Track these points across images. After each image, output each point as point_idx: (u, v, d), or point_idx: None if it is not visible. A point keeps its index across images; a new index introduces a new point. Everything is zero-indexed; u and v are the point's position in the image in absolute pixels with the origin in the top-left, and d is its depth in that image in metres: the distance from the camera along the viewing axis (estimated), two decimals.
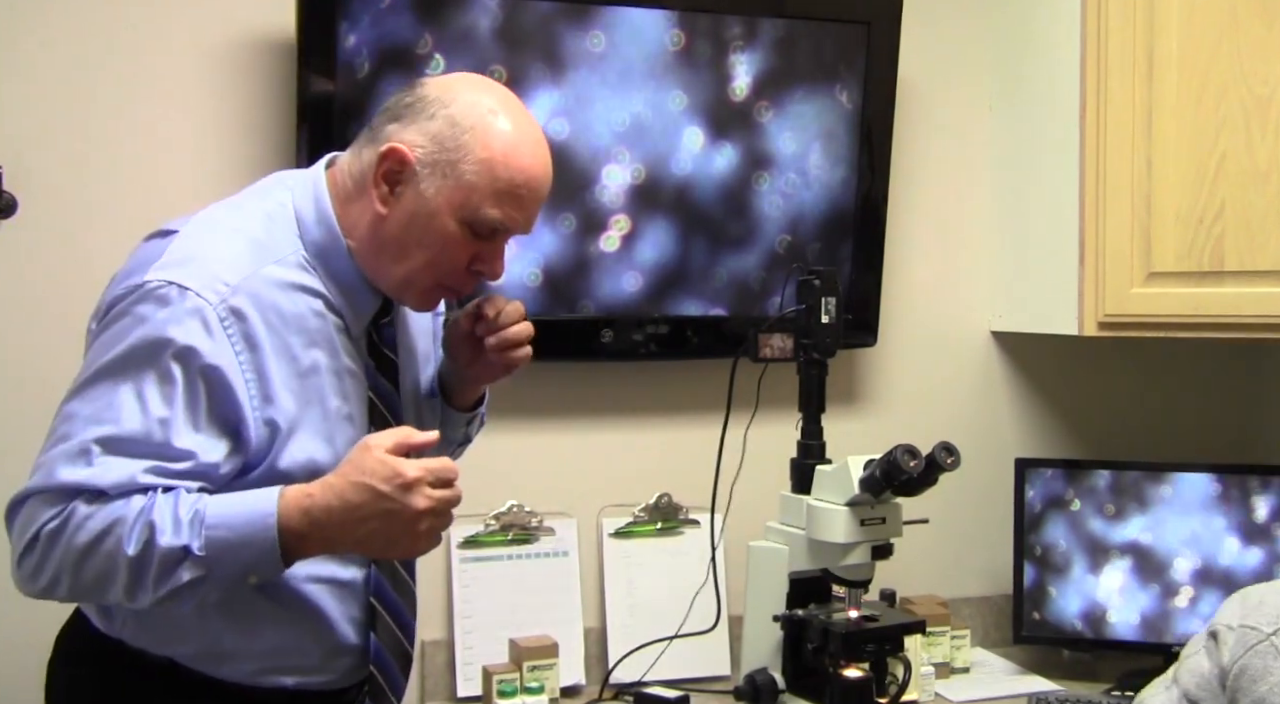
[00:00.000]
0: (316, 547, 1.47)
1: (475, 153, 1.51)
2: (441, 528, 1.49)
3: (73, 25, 2.18)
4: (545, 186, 1.59)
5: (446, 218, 1.53)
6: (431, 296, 1.63)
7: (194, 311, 1.46)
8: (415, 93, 1.56)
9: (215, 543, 1.42)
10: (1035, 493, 2.59)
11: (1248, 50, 2.29)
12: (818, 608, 2.08)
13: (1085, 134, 2.41)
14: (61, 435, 1.46)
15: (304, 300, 1.55)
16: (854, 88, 2.53)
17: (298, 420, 1.53)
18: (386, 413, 1.65)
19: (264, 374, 1.50)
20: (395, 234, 1.55)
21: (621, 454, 2.52)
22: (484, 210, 1.53)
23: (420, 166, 1.52)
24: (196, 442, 1.46)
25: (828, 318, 2.12)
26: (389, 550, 1.52)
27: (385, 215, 1.54)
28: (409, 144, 1.52)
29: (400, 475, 1.44)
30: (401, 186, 1.53)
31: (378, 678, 1.66)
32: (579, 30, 2.33)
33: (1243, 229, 2.30)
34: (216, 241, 1.53)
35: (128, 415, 1.44)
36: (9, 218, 2.13)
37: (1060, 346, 2.70)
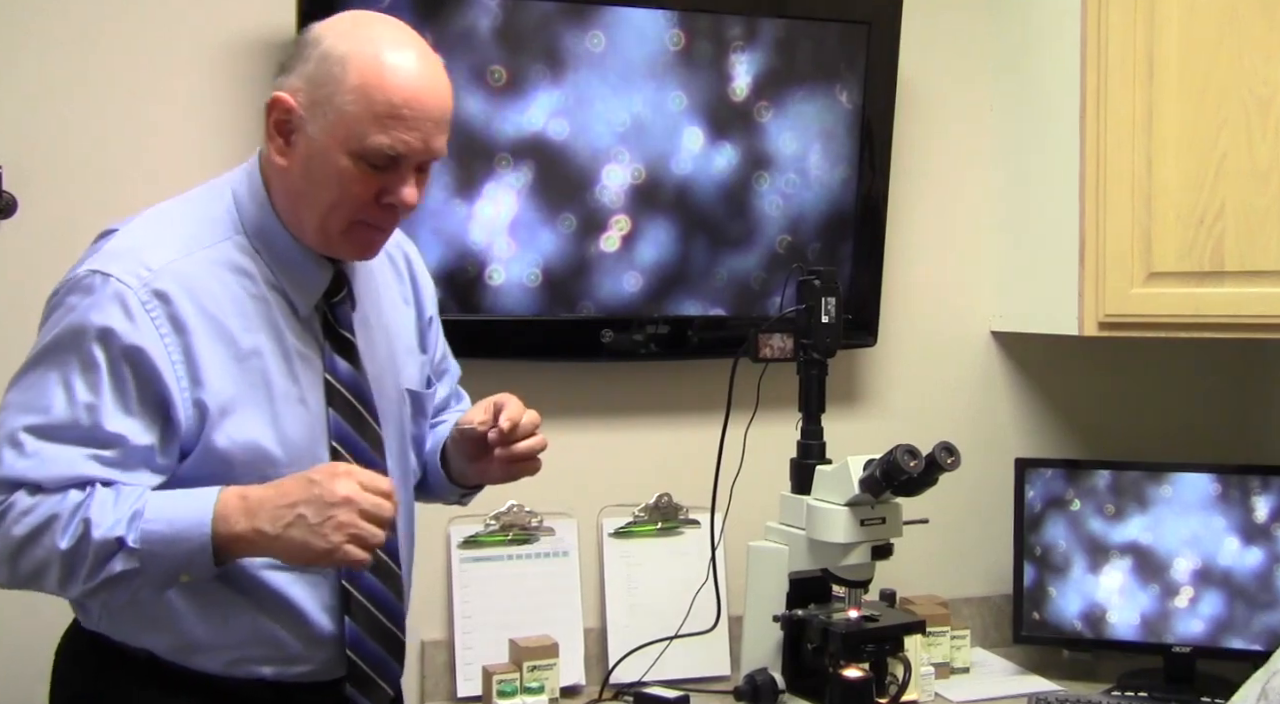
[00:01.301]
0: (246, 545, 1.47)
1: (348, 82, 1.49)
2: (361, 533, 1.45)
3: (73, 25, 2.18)
4: (434, 103, 1.54)
5: (337, 154, 1.51)
6: (353, 238, 1.58)
7: (114, 296, 1.48)
8: (301, 39, 1.56)
9: (150, 537, 1.44)
10: (1035, 493, 2.59)
11: (1248, 50, 2.29)
12: (818, 608, 2.08)
13: (1085, 134, 2.41)
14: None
15: (240, 283, 1.56)
16: (854, 88, 2.53)
17: (235, 401, 1.53)
18: (350, 395, 1.63)
19: (192, 355, 1.51)
20: (298, 183, 1.55)
21: (621, 454, 2.52)
22: (370, 139, 1.50)
23: (304, 110, 1.51)
24: (127, 425, 1.48)
25: (828, 318, 2.12)
26: (307, 545, 1.45)
27: (286, 167, 1.54)
28: (291, 90, 1.52)
29: (334, 467, 1.48)
30: (294, 135, 1.53)
31: (359, 664, 1.65)
32: (579, 30, 2.33)
33: (1243, 229, 2.30)
34: (149, 232, 1.56)
35: (56, 403, 1.47)
36: (9, 218, 2.13)
37: (1060, 346, 2.70)
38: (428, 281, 1.87)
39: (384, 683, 1.68)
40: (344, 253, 1.61)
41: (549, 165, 2.34)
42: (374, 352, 1.70)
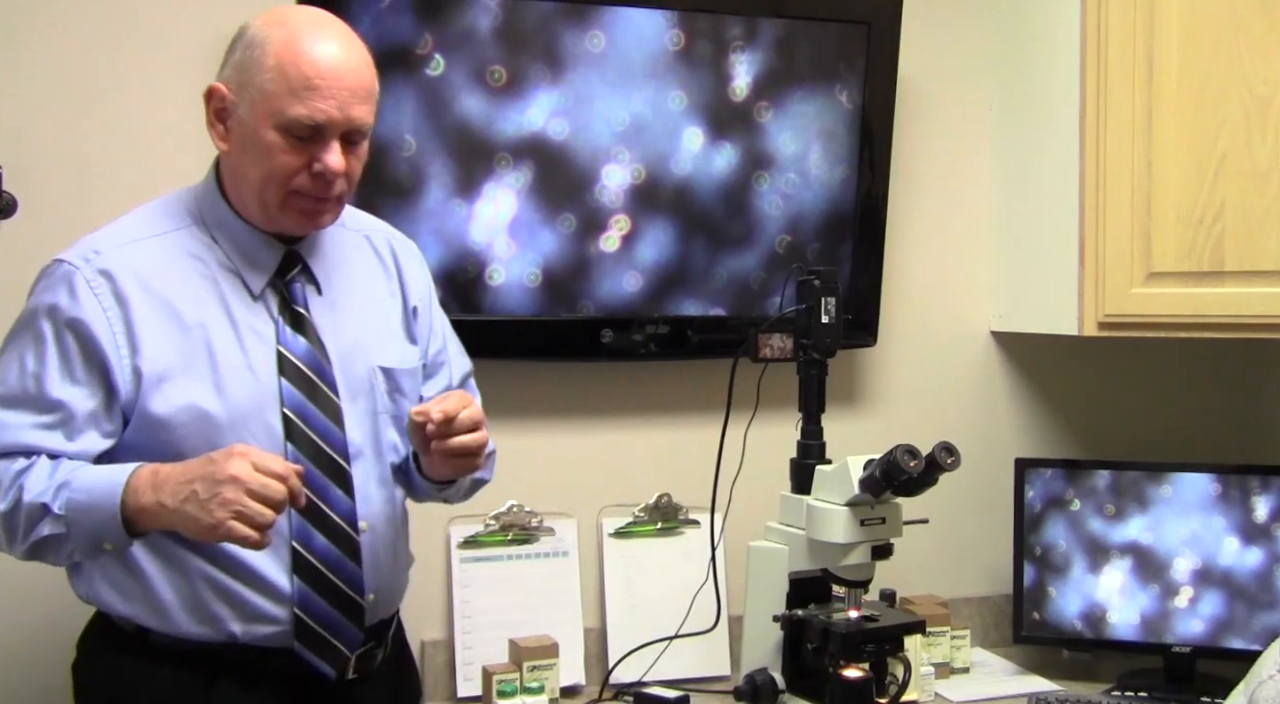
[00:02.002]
0: (150, 517, 1.58)
1: (265, 62, 1.63)
2: (246, 511, 1.53)
3: (73, 25, 2.17)
4: (348, 74, 1.65)
5: (264, 130, 1.64)
6: (290, 208, 1.69)
7: (63, 277, 1.66)
8: (233, 38, 1.70)
9: (72, 505, 1.59)
10: (1035, 493, 2.59)
11: (1248, 50, 2.29)
12: (818, 608, 2.08)
13: (1085, 134, 2.41)
14: None
15: (191, 265, 1.70)
16: (854, 88, 2.53)
17: (175, 368, 1.66)
18: (304, 367, 1.72)
19: (132, 327, 1.65)
20: (236, 163, 1.69)
21: (621, 454, 2.52)
22: (290, 112, 1.62)
23: (234, 95, 1.66)
24: (69, 392, 1.63)
25: (828, 318, 2.12)
26: (196, 520, 1.55)
27: (227, 151, 1.70)
28: (223, 80, 1.68)
29: (232, 448, 1.57)
30: (230, 120, 1.68)
31: (308, 622, 1.70)
32: (579, 30, 2.33)
33: (1243, 229, 2.30)
34: (113, 226, 1.74)
35: (11, 375, 1.65)
36: (9, 218, 2.13)
37: (1060, 347, 2.70)
38: (416, 276, 1.93)
39: (340, 644, 1.73)
40: (286, 225, 1.72)
41: (549, 165, 2.34)
42: (340, 331, 1.79)
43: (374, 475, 1.80)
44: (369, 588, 1.76)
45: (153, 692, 1.69)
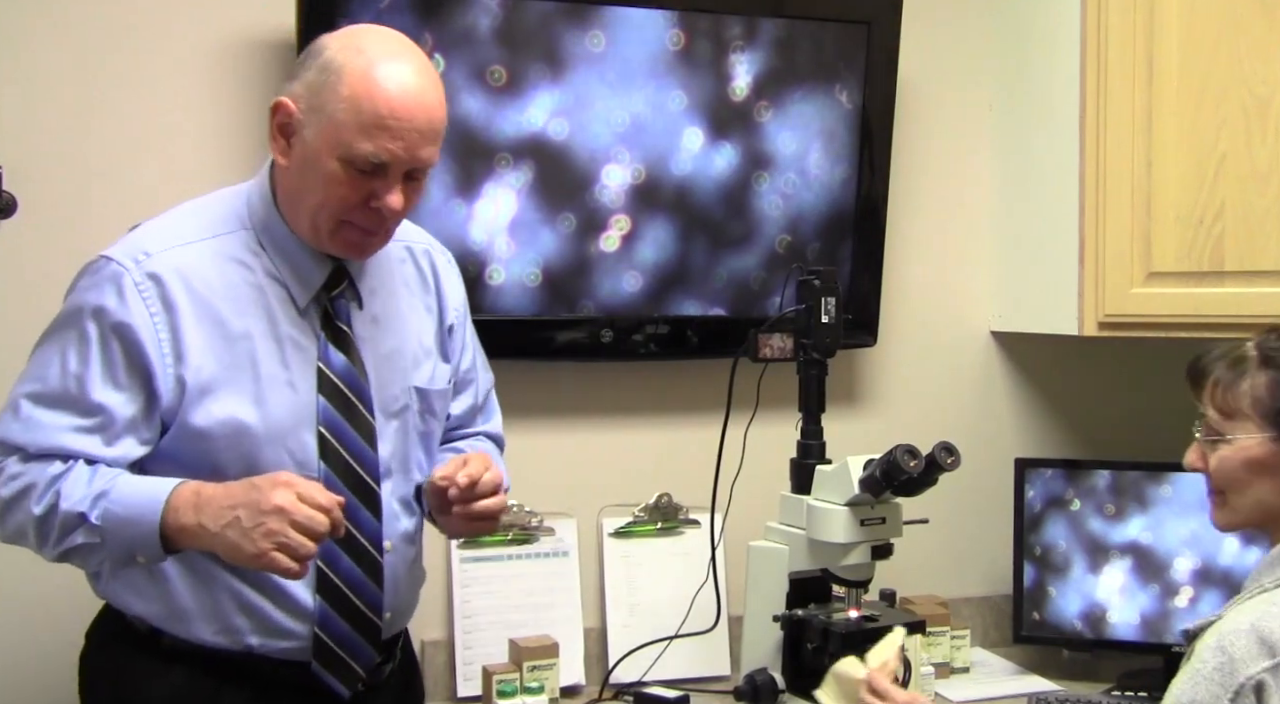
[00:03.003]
0: (190, 537, 1.57)
1: (340, 92, 1.58)
2: (289, 543, 1.52)
3: (73, 26, 2.18)
4: (420, 114, 1.61)
5: (327, 158, 1.60)
6: (341, 237, 1.66)
7: (111, 277, 1.61)
8: (308, 49, 1.66)
9: (109, 516, 1.57)
10: (1035, 493, 2.59)
11: (1248, 51, 2.29)
12: (818, 608, 2.08)
13: (1085, 134, 2.41)
14: (9, 394, 1.65)
15: (240, 273, 1.66)
16: (854, 88, 2.53)
17: (219, 381, 1.63)
18: (342, 384, 1.70)
19: (178, 333, 1.62)
20: (294, 182, 1.65)
21: (621, 454, 2.52)
22: (356, 146, 1.58)
23: (302, 115, 1.61)
24: (111, 396, 1.60)
25: (828, 318, 2.12)
26: (238, 547, 1.54)
27: (286, 167, 1.65)
28: (292, 96, 1.63)
29: (277, 476, 1.56)
30: (293, 138, 1.63)
31: (326, 642, 1.70)
32: (579, 30, 2.33)
33: (1243, 229, 2.30)
34: (161, 224, 1.70)
35: (51, 374, 1.62)
36: (9, 218, 2.13)
37: (1060, 347, 2.70)
38: (455, 291, 1.91)
39: (355, 664, 1.73)
40: (334, 250, 1.69)
41: (549, 165, 2.34)
42: (380, 348, 1.76)
43: (400, 495, 1.78)
44: (387, 607, 1.75)
45: (161, 690, 1.68)
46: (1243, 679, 1.45)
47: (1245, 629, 1.47)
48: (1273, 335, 1.62)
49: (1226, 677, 1.46)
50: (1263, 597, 1.53)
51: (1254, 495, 1.62)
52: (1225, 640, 1.48)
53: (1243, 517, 1.65)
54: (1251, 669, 1.45)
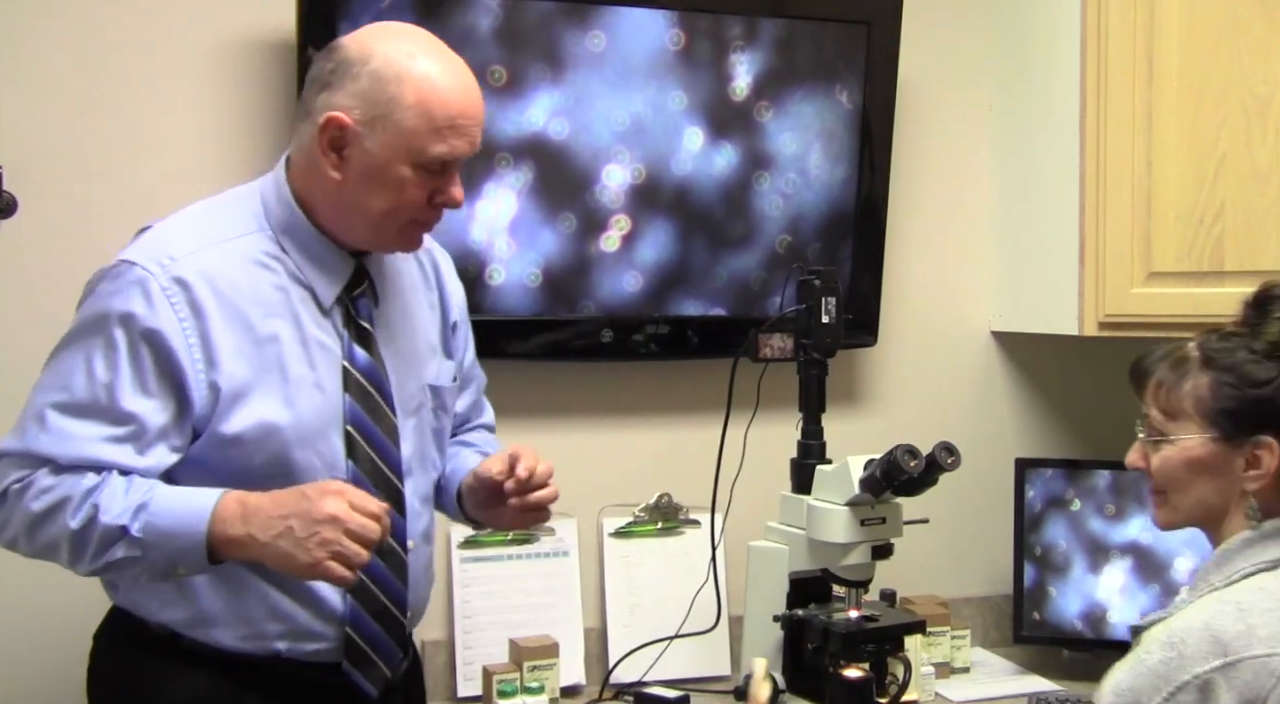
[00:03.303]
0: (238, 548, 1.55)
1: (406, 99, 1.58)
2: (344, 551, 1.51)
3: (73, 25, 2.18)
4: (479, 108, 1.65)
5: (399, 166, 1.60)
6: (405, 235, 1.70)
7: (137, 282, 1.57)
8: (335, 57, 1.62)
9: (151, 529, 1.53)
10: (1035, 493, 2.59)
11: (1248, 50, 2.29)
12: (818, 608, 2.07)
13: (1085, 134, 2.41)
14: (28, 403, 1.60)
15: (263, 275, 1.64)
16: (854, 88, 2.53)
17: (250, 384, 1.61)
18: (367, 384, 1.70)
19: (208, 339, 1.59)
20: (354, 194, 1.63)
21: (621, 454, 2.52)
22: (430, 150, 1.60)
23: (359, 127, 1.59)
24: (142, 405, 1.57)
25: (828, 318, 2.12)
26: (292, 557, 1.52)
27: (341, 180, 1.62)
28: (343, 109, 1.59)
29: (327, 485, 1.56)
30: (348, 150, 1.61)
31: (358, 643, 1.70)
32: (579, 30, 2.33)
33: (1243, 229, 2.30)
34: (178, 226, 1.67)
35: (78, 382, 1.57)
36: (9, 218, 2.13)
37: (1060, 347, 2.70)
38: (455, 288, 1.93)
39: (382, 664, 1.73)
40: (396, 248, 1.73)
41: (549, 165, 2.34)
42: (397, 346, 1.77)
43: (420, 493, 1.79)
44: (409, 605, 1.76)
45: (180, 694, 1.66)
46: (1189, 677, 1.44)
47: (1198, 627, 1.47)
48: (1214, 336, 1.63)
49: (1173, 671, 1.45)
50: (1214, 595, 1.53)
51: (1195, 495, 1.62)
52: (1176, 636, 1.47)
53: (1183, 516, 1.65)
54: (1200, 667, 1.44)
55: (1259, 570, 1.54)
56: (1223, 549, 1.59)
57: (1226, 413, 1.58)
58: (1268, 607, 1.47)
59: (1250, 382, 1.56)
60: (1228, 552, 1.58)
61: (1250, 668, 1.43)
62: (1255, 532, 1.56)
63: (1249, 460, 1.57)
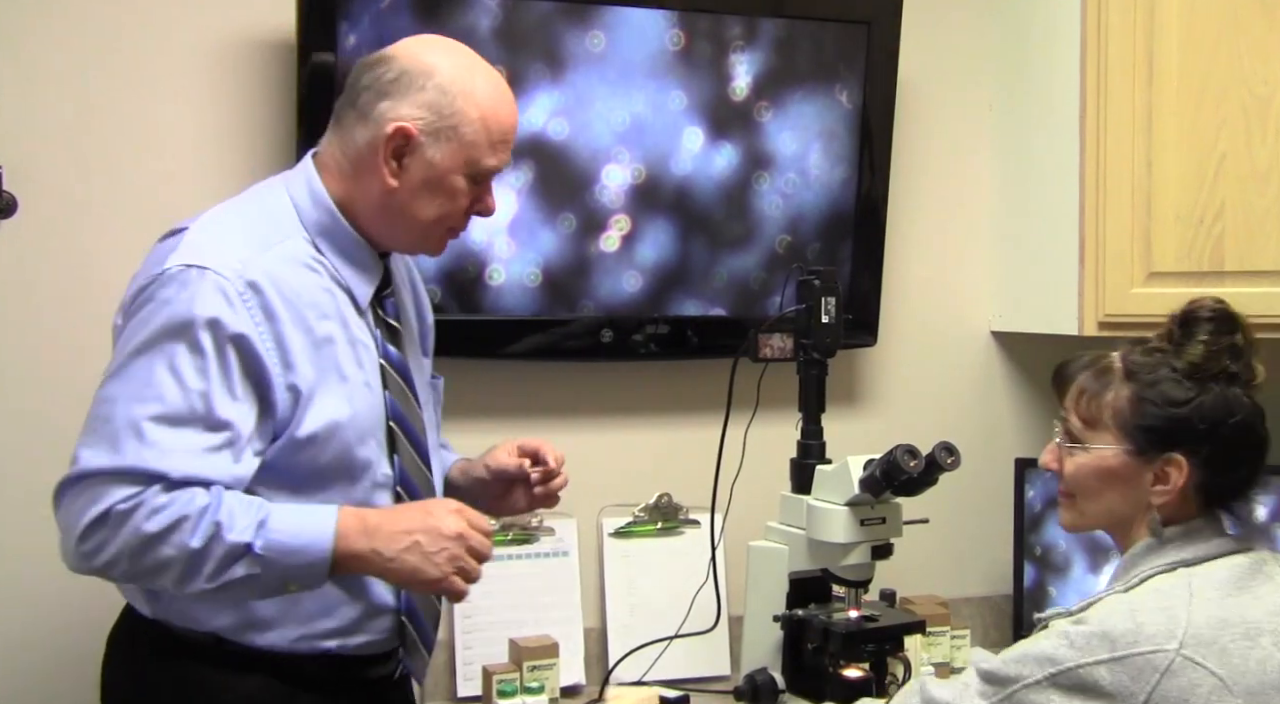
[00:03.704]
0: (360, 563, 1.60)
1: (469, 114, 1.66)
2: (466, 567, 1.62)
3: (73, 25, 2.18)
4: (516, 124, 1.77)
5: (456, 176, 1.68)
6: (443, 241, 1.77)
7: (215, 287, 1.56)
8: (394, 67, 1.67)
9: (274, 546, 1.54)
10: (1035, 493, 2.59)
11: (1248, 50, 2.29)
12: (818, 608, 2.08)
13: (1085, 134, 2.41)
14: (104, 417, 1.55)
15: (312, 277, 1.67)
16: (854, 88, 2.53)
17: (316, 385, 1.64)
18: (400, 380, 1.75)
19: (282, 342, 1.61)
20: (408, 200, 1.68)
21: (621, 454, 2.52)
22: (485, 161, 1.69)
23: (423, 137, 1.65)
24: (235, 411, 1.57)
25: (828, 318, 2.12)
26: (419, 571, 1.60)
27: (396, 187, 1.67)
28: (410, 119, 1.64)
29: (447, 503, 1.65)
30: (408, 159, 1.66)
31: (409, 630, 1.75)
32: (579, 30, 2.33)
33: (1243, 229, 2.30)
34: (225, 231, 1.65)
35: (168, 392, 1.54)
36: (9, 218, 2.13)
37: (1060, 347, 2.69)
38: (423, 287, 1.99)
39: (425, 650, 1.81)
40: (428, 251, 1.79)
41: (549, 165, 2.34)
42: (411, 344, 1.84)
43: (437, 482, 1.86)
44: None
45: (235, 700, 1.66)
46: (1072, 665, 1.49)
47: (1093, 623, 1.51)
48: (1138, 349, 1.65)
49: (1061, 656, 1.50)
50: (1113, 597, 1.57)
51: (1104, 503, 1.66)
52: (1072, 632, 1.51)
53: (1089, 520, 1.69)
54: (1087, 659, 1.49)
55: (1156, 572, 1.58)
56: (1129, 555, 1.63)
57: (1143, 429, 1.61)
58: (1158, 606, 1.51)
59: (1169, 401, 1.59)
60: (1133, 557, 1.62)
61: (1135, 664, 1.47)
62: (1156, 538, 1.60)
63: (1158, 475, 1.60)
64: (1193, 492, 1.60)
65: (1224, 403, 1.58)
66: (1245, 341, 1.61)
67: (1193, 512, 1.61)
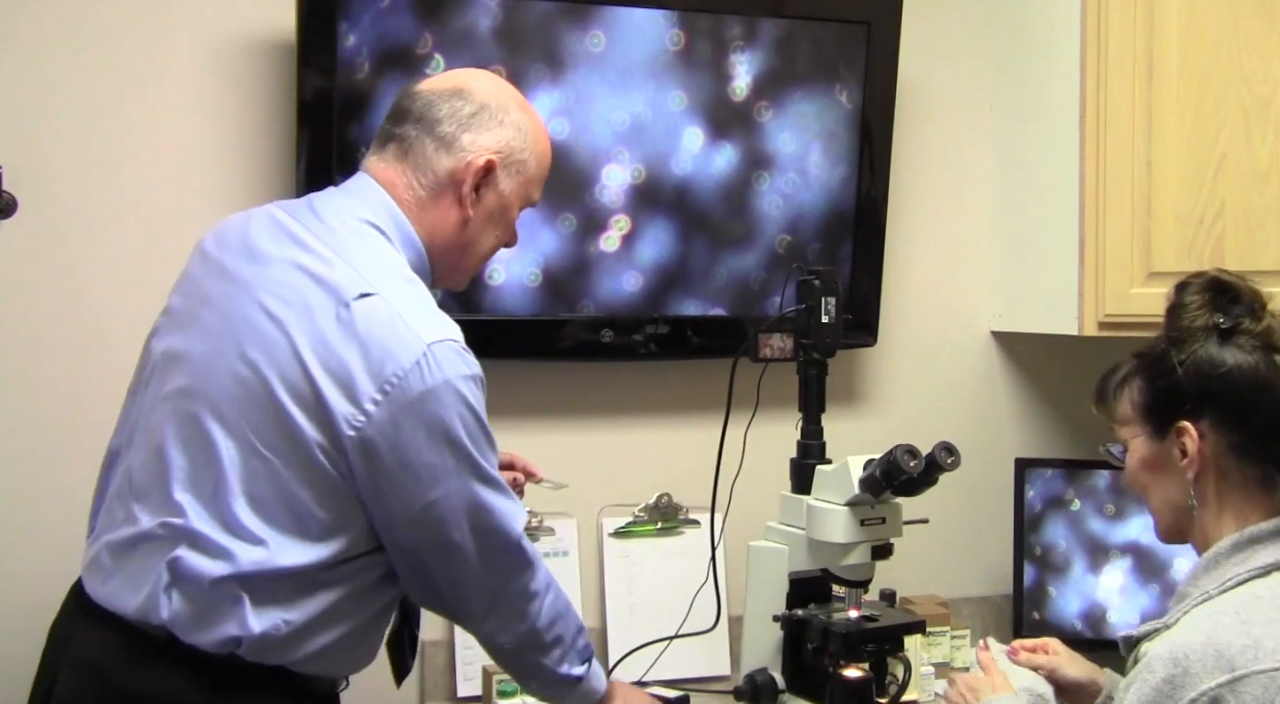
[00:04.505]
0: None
1: (533, 150, 1.76)
2: None
3: (73, 25, 2.18)
4: None
5: (515, 208, 1.78)
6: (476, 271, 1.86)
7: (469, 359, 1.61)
8: (472, 101, 1.72)
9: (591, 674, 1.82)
10: (1035, 493, 2.59)
11: (1248, 50, 2.29)
12: (818, 608, 2.08)
13: (1085, 134, 2.41)
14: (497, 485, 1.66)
15: None
16: (854, 88, 2.53)
17: None
18: None
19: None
20: (475, 231, 1.74)
21: (621, 454, 2.52)
22: (533, 195, 1.80)
23: (500, 169, 1.73)
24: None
25: (828, 318, 2.12)
26: None
27: (470, 217, 1.72)
28: (494, 151, 1.71)
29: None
30: (484, 190, 1.72)
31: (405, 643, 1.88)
32: (579, 30, 2.33)
33: (1243, 229, 2.30)
34: (418, 300, 1.64)
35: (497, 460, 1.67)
36: (9, 218, 2.13)
37: (1060, 346, 2.70)
38: None
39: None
40: (463, 284, 1.86)
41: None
42: None
43: None
44: None
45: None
46: (1194, 694, 1.42)
47: (1201, 641, 1.45)
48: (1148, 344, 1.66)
49: (1176, 689, 1.43)
50: (1208, 605, 1.52)
51: (1159, 495, 1.65)
52: (1179, 652, 1.45)
53: (1162, 522, 1.68)
54: (1206, 684, 1.42)
55: (1252, 576, 1.53)
56: (1211, 554, 1.59)
57: (1148, 408, 1.62)
58: (1268, 617, 1.46)
59: (1161, 372, 1.60)
60: (1217, 556, 1.58)
61: (1259, 683, 1.41)
62: (1241, 535, 1.56)
63: (1180, 450, 1.59)
64: (1224, 457, 1.57)
65: (1209, 358, 1.56)
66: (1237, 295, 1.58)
67: (1241, 478, 1.57)
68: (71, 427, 2.14)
